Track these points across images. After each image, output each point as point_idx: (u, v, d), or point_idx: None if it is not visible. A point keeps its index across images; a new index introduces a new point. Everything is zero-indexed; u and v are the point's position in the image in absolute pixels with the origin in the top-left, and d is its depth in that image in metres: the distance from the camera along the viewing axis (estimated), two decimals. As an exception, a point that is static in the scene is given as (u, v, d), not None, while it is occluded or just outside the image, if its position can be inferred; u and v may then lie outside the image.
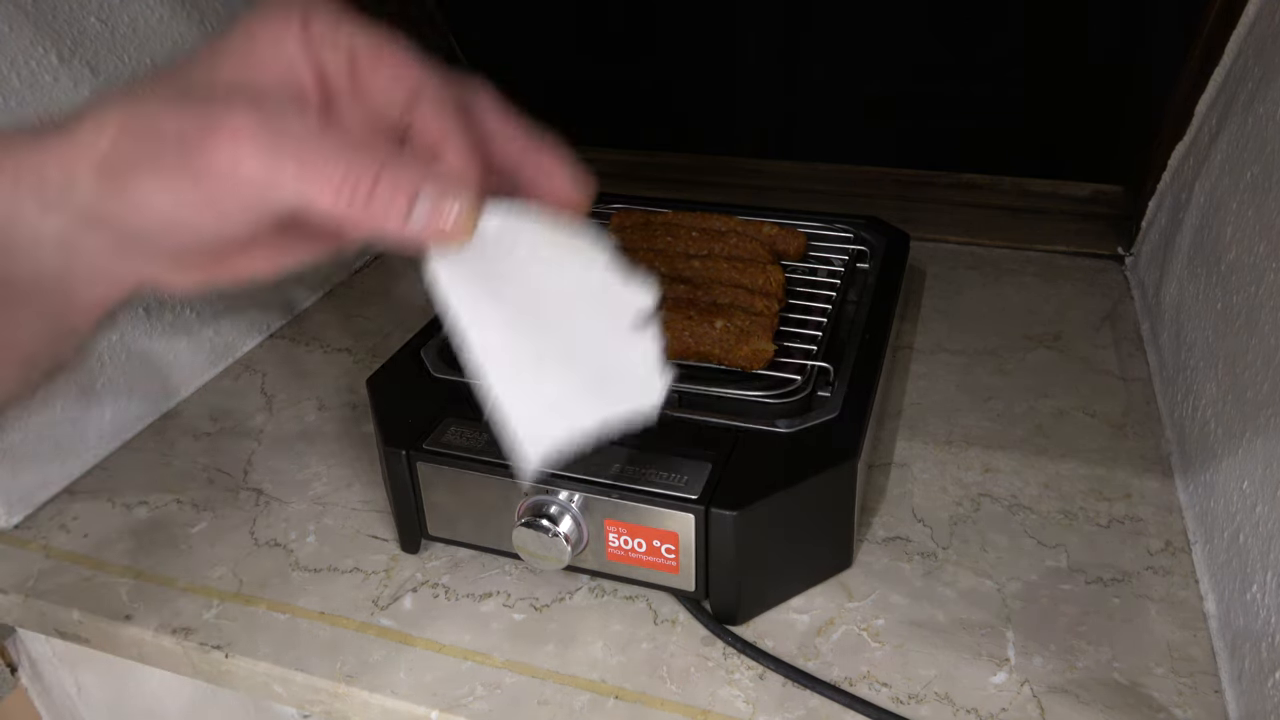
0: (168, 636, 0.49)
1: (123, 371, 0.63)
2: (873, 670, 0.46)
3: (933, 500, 0.56)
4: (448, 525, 0.51)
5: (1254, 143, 0.56)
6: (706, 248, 0.62)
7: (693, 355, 0.53)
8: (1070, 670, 0.45)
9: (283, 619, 0.50)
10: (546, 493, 0.47)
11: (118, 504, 0.59)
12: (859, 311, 0.60)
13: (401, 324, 0.77)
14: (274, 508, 0.58)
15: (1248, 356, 0.50)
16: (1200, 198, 0.65)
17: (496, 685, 0.46)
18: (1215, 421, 0.53)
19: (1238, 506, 0.47)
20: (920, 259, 0.84)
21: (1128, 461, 0.58)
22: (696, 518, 0.45)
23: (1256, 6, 0.62)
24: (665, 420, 0.50)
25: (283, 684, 0.48)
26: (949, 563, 0.52)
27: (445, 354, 0.57)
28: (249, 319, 0.74)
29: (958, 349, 0.71)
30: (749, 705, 0.44)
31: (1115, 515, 0.54)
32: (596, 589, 0.51)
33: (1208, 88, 0.68)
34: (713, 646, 0.47)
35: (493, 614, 0.50)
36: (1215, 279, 0.57)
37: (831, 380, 0.52)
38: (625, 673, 0.46)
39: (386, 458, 0.50)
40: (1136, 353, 0.69)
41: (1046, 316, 0.75)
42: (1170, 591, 0.49)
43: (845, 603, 0.49)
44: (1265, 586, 0.42)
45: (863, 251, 0.68)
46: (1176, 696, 0.44)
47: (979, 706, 0.44)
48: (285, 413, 0.67)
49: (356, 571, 0.53)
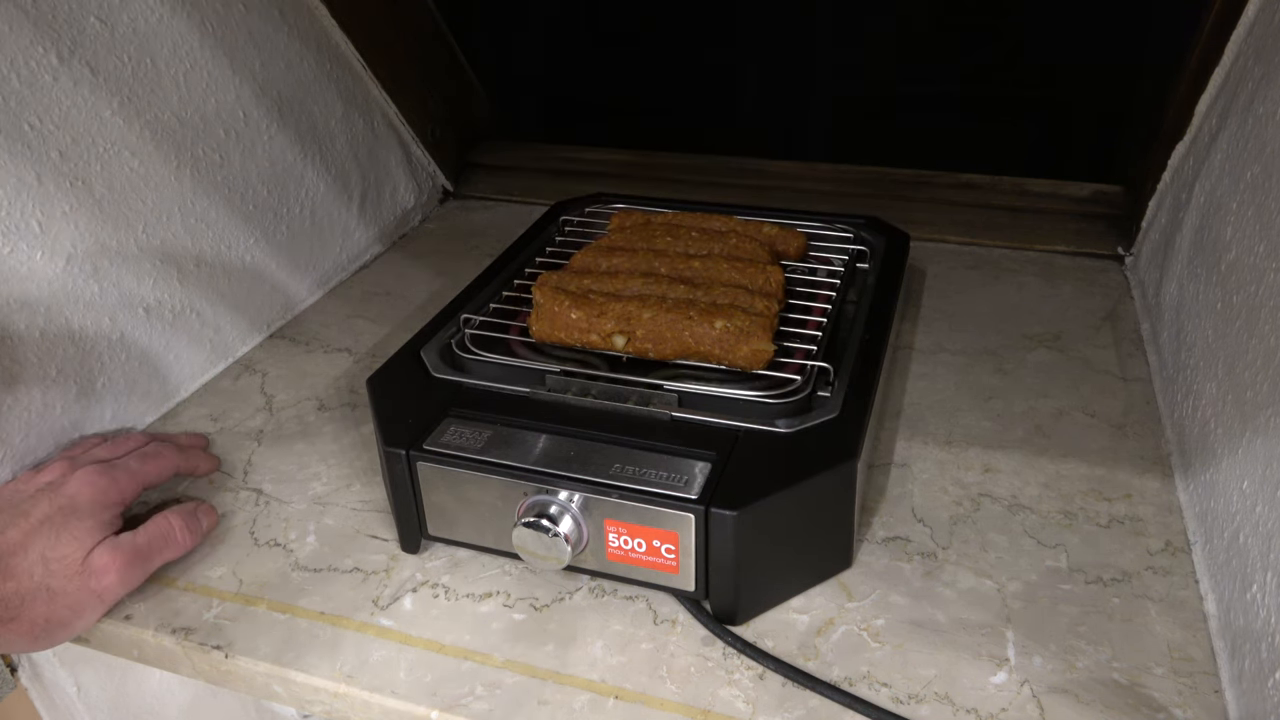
0: (168, 636, 0.49)
1: (123, 371, 0.63)
2: (873, 670, 0.46)
3: (933, 500, 0.56)
4: (447, 525, 0.51)
5: (1254, 143, 0.56)
6: (706, 248, 0.62)
7: (693, 355, 0.53)
8: (1070, 670, 0.45)
9: (283, 619, 0.50)
10: (546, 493, 0.47)
11: (118, 504, 0.58)
12: (859, 311, 0.60)
13: (401, 324, 0.77)
14: (274, 508, 0.58)
15: (1248, 356, 0.50)
16: (1200, 198, 0.65)
17: (496, 685, 0.46)
18: (1215, 421, 0.53)
19: (1238, 506, 0.47)
20: (920, 259, 0.84)
21: (1128, 461, 0.58)
22: (696, 518, 0.45)
23: (1256, 6, 0.62)
24: (665, 420, 0.50)
25: (283, 684, 0.48)
26: (949, 563, 0.52)
27: (445, 354, 0.57)
28: (249, 319, 0.74)
29: (958, 349, 0.71)
30: (749, 705, 0.44)
31: (1115, 515, 0.54)
32: (596, 589, 0.51)
33: (1208, 88, 0.68)
34: (713, 646, 0.47)
35: (493, 614, 0.50)
36: (1215, 279, 0.57)
37: (831, 380, 0.52)
38: (625, 673, 0.46)
39: (386, 458, 0.50)
40: (1136, 353, 0.69)
41: (1046, 316, 0.75)
42: (1170, 591, 0.49)
43: (845, 603, 0.49)
44: (1265, 586, 0.42)
45: (863, 251, 0.68)
46: (1176, 696, 0.44)
47: (979, 706, 0.44)
48: (285, 413, 0.67)
49: (356, 571, 0.53)
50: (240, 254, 0.73)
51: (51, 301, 0.58)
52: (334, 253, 0.84)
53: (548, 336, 0.56)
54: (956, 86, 1.11)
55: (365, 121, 0.88)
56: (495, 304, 0.61)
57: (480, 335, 0.58)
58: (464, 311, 0.60)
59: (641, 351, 0.54)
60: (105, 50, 0.61)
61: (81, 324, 0.60)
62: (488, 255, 0.83)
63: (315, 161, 0.81)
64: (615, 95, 1.22)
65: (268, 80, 0.75)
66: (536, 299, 0.56)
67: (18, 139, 0.55)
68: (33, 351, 0.57)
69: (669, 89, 1.21)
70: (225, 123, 0.71)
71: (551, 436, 0.50)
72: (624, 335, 0.54)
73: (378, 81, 0.88)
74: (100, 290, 0.61)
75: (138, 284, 0.64)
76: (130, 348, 0.63)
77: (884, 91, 1.15)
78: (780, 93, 1.18)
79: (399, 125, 0.93)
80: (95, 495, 0.49)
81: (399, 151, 0.93)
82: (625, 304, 0.54)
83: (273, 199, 0.76)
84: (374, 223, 0.89)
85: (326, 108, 0.82)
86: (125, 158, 0.62)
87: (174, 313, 0.67)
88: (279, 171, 0.76)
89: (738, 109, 1.22)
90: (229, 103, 0.71)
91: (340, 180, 0.84)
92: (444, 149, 1.00)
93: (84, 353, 0.60)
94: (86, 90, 0.60)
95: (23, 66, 0.56)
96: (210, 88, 0.69)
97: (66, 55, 0.58)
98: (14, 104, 0.55)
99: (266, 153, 0.75)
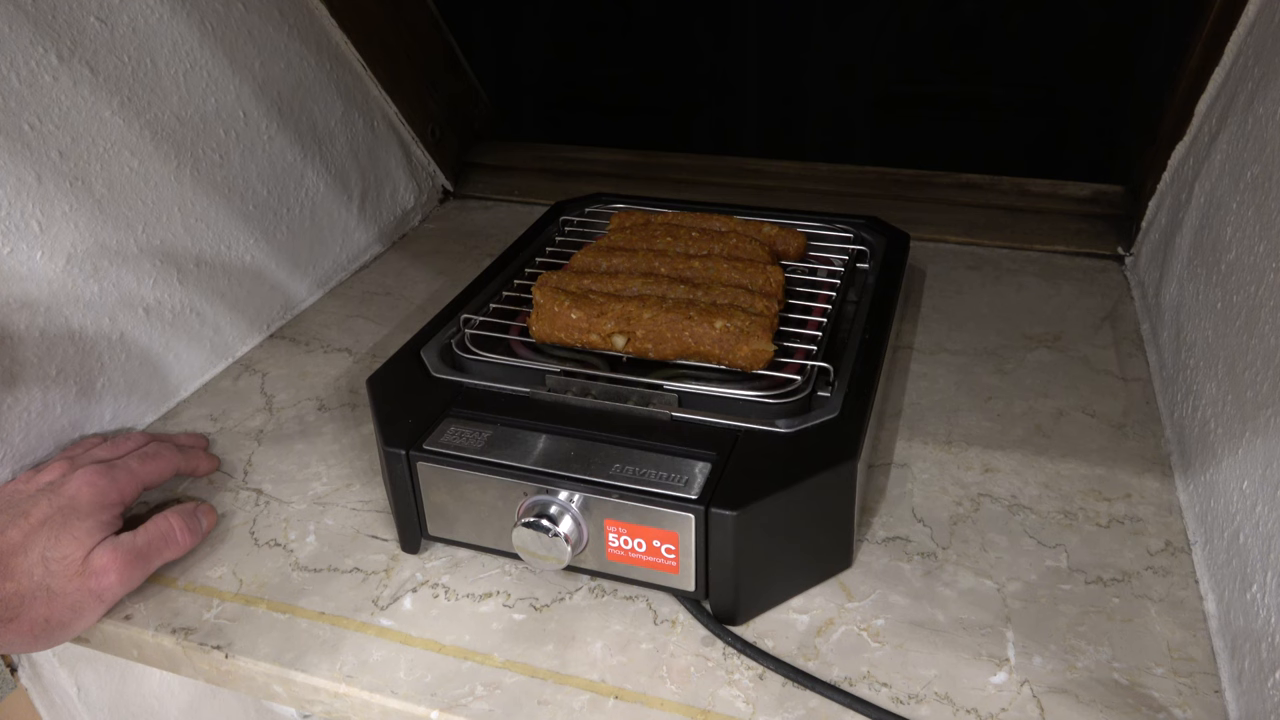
0: (168, 636, 0.49)
1: (123, 371, 0.63)
2: (873, 670, 0.46)
3: (932, 500, 0.56)
4: (447, 525, 0.51)
5: (1254, 143, 0.56)
6: (706, 248, 0.62)
7: (693, 355, 0.53)
8: (1070, 670, 0.45)
9: (283, 619, 0.50)
10: (546, 493, 0.47)
11: (118, 504, 0.58)
12: (859, 311, 0.60)
13: (401, 324, 0.77)
14: (274, 508, 0.58)
15: (1248, 356, 0.50)
16: (1200, 198, 0.65)
17: (496, 685, 0.46)
18: (1215, 421, 0.53)
19: (1238, 506, 0.47)
20: (920, 259, 0.84)
21: (1128, 461, 0.58)
22: (696, 518, 0.45)
23: (1256, 6, 0.62)
24: (665, 420, 0.50)
25: (283, 684, 0.48)
26: (949, 563, 0.52)
27: (445, 354, 0.57)
28: (249, 319, 0.74)
29: (958, 349, 0.71)
30: (749, 705, 0.44)
31: (1115, 515, 0.54)
32: (596, 589, 0.51)
33: (1208, 88, 0.68)
34: (713, 646, 0.47)
35: (493, 614, 0.50)
36: (1215, 279, 0.57)
37: (831, 380, 0.52)
38: (625, 673, 0.46)
39: (386, 458, 0.50)
40: (1136, 353, 0.69)
41: (1046, 316, 0.75)
42: (1170, 591, 0.49)
43: (845, 603, 0.49)
44: (1265, 586, 0.42)
45: (863, 251, 0.68)
46: (1176, 696, 0.44)
47: (979, 706, 0.44)
48: (285, 413, 0.67)
49: (356, 571, 0.53)
50: (240, 254, 0.73)
51: (51, 301, 0.58)
52: (334, 253, 0.84)
53: (548, 337, 0.56)
54: (956, 86, 1.11)
55: (365, 121, 0.88)
56: (495, 304, 0.61)
57: (480, 335, 0.58)
58: (464, 311, 0.60)
59: (641, 351, 0.54)
60: (105, 50, 0.61)
61: (81, 324, 0.60)
62: (488, 255, 0.83)
63: (315, 161, 0.81)
64: (615, 95, 1.22)
65: (268, 80, 0.75)
66: (536, 299, 0.56)
67: (18, 139, 0.55)
68: (33, 351, 0.57)
69: (669, 89, 1.21)
70: (225, 123, 0.71)
71: (551, 436, 0.50)
72: (624, 335, 0.54)
73: (378, 81, 0.88)
74: (100, 290, 0.61)
75: (138, 284, 0.64)
76: (130, 348, 0.63)
77: (884, 91, 1.15)
78: (780, 93, 1.19)
79: (399, 125, 0.93)
80: (95, 495, 0.49)
81: (399, 151, 0.93)
82: (625, 304, 0.54)
83: (273, 199, 0.76)
84: (374, 223, 0.89)
85: (326, 108, 0.82)
86: (125, 157, 0.62)
87: (174, 313, 0.67)
88: (279, 171, 0.76)
89: (737, 109, 1.22)
90: (229, 103, 0.71)
91: (340, 180, 0.84)
92: (444, 149, 1.00)
93: (84, 353, 0.60)
94: (86, 90, 0.60)
95: (23, 66, 0.56)
96: (210, 88, 0.69)
97: (66, 55, 0.58)
98: (14, 104, 0.55)
99: (266, 153, 0.75)
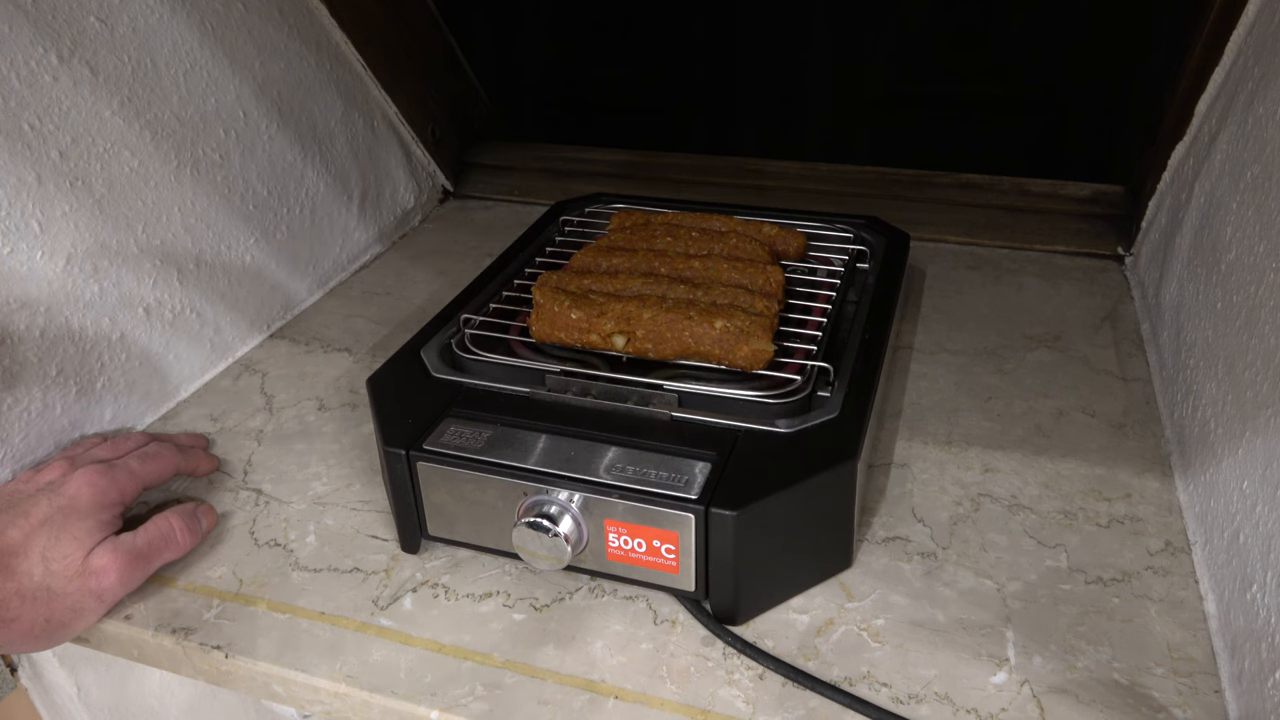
0: (168, 636, 0.49)
1: (123, 371, 0.63)
2: (873, 670, 0.46)
3: (932, 500, 0.56)
4: (447, 525, 0.51)
5: (1254, 143, 0.56)
6: (706, 248, 0.62)
7: (693, 355, 0.53)
8: (1070, 670, 0.45)
9: (283, 619, 0.50)
10: (546, 493, 0.47)
11: (118, 504, 0.58)
12: (859, 311, 0.60)
13: (401, 324, 0.77)
14: (274, 508, 0.58)
15: (1247, 356, 0.50)
16: (1200, 198, 0.65)
17: (496, 685, 0.46)
18: (1215, 421, 0.53)
19: (1238, 506, 0.47)
20: (920, 259, 0.84)
21: (1128, 461, 0.58)
22: (696, 518, 0.45)
23: (1256, 6, 0.62)
24: (665, 420, 0.50)
25: (283, 684, 0.48)
26: (949, 563, 0.52)
27: (445, 354, 0.57)
28: (249, 319, 0.74)
29: (958, 349, 0.71)
30: (749, 705, 0.44)
31: (1115, 515, 0.54)
32: (596, 589, 0.51)
33: (1208, 88, 0.68)
34: (713, 646, 0.47)
35: (493, 614, 0.50)
36: (1215, 279, 0.57)
37: (831, 380, 0.52)
38: (625, 673, 0.46)
39: (386, 458, 0.50)
40: (1136, 353, 0.69)
41: (1046, 316, 0.75)
42: (1170, 591, 0.49)
43: (845, 603, 0.49)
44: (1265, 586, 0.42)
45: (863, 251, 0.68)
46: (1176, 696, 0.44)
47: (979, 706, 0.44)
48: (285, 413, 0.67)
49: (356, 571, 0.53)
50: (240, 254, 0.73)
51: (51, 301, 0.58)
52: (334, 252, 0.84)
53: (548, 337, 0.56)
54: (956, 86, 1.11)
55: (365, 121, 0.88)
56: (495, 304, 0.61)
57: (480, 335, 0.58)
58: (464, 311, 0.60)
59: (641, 351, 0.54)
60: (105, 50, 0.61)
61: (81, 324, 0.60)
62: (487, 255, 0.83)
63: (315, 161, 0.81)
64: (615, 95, 1.22)
65: (268, 80, 0.75)
66: (536, 299, 0.56)
67: (18, 139, 0.55)
68: (33, 351, 0.57)
69: (669, 89, 1.21)
70: (225, 123, 0.71)
71: (551, 436, 0.50)
72: (624, 335, 0.54)
73: (378, 81, 0.88)
74: (100, 290, 0.61)
75: (138, 284, 0.64)
76: (130, 348, 0.63)
77: (884, 91, 1.15)
78: (780, 93, 1.18)
79: (399, 125, 0.93)
80: (95, 495, 0.49)
81: (399, 151, 0.93)
82: (625, 304, 0.54)
83: (273, 199, 0.76)
84: (374, 223, 0.89)
85: (326, 108, 0.82)
86: (125, 158, 0.62)
87: (174, 313, 0.67)
88: (279, 171, 0.76)
89: (737, 109, 1.22)
90: (229, 103, 0.71)
91: (340, 180, 0.84)
92: (444, 149, 1.00)
93: (84, 353, 0.60)
94: (86, 90, 0.60)
95: (23, 66, 0.56)
96: (210, 88, 0.69)
97: (66, 55, 0.58)
98: (14, 104, 0.55)
99: (266, 152, 0.75)
